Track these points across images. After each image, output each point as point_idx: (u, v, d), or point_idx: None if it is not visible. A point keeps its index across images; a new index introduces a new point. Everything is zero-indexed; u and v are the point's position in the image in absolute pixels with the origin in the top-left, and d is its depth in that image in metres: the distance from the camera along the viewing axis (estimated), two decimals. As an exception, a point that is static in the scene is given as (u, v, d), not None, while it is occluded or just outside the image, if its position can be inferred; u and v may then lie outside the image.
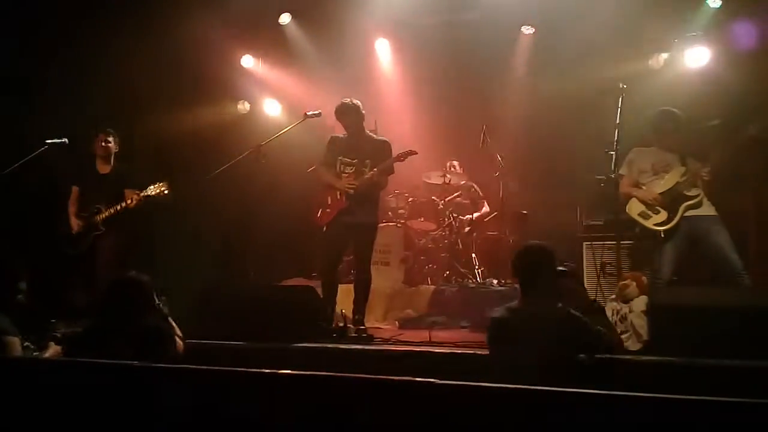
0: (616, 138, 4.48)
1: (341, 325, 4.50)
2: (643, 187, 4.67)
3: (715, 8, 5.93)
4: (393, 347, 4.27)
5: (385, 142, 5.05)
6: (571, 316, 3.08)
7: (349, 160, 4.95)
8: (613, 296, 3.99)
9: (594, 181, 5.32)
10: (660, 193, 4.57)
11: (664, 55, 6.29)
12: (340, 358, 3.96)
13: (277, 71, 7.38)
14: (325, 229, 4.95)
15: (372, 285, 5.94)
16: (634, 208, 4.66)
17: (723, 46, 5.77)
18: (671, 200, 4.53)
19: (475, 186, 6.68)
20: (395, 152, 4.92)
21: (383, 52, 7.27)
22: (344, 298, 4.93)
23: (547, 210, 5.80)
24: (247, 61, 7.40)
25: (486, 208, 6.69)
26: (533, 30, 6.72)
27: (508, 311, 3.16)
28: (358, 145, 4.96)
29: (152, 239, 6.18)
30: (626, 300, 3.90)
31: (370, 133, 5.12)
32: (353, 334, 4.48)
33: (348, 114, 4.91)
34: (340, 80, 6.76)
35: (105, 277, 5.27)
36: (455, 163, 6.70)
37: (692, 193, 4.49)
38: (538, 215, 6.12)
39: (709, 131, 5.06)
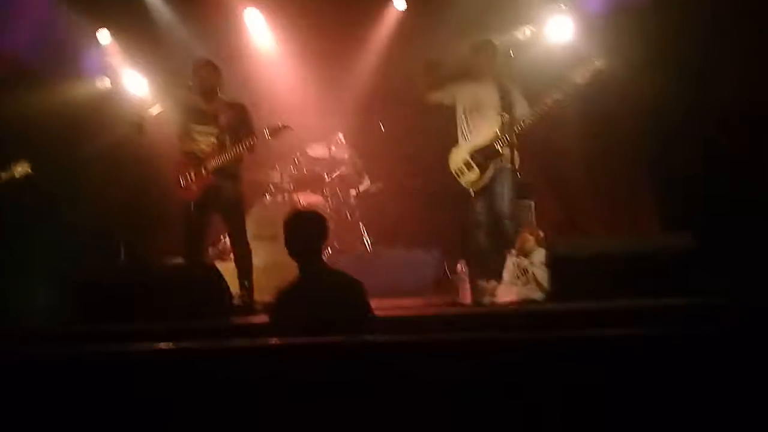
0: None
1: (247, 301, 4.37)
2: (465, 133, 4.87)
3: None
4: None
5: (243, 106, 4.83)
6: (357, 282, 3.03)
7: (205, 128, 4.70)
8: (514, 251, 4.22)
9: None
10: (473, 151, 4.79)
11: (529, 27, 6.62)
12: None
13: (140, 45, 6.89)
14: (190, 206, 4.68)
15: (261, 261, 5.84)
16: (456, 160, 4.87)
17: (582, 16, 6.17)
18: (484, 157, 4.77)
19: (358, 159, 6.72)
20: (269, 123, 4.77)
21: (254, 21, 7.00)
22: (232, 277, 4.70)
23: (433, 179, 5.95)
24: (104, 34, 6.84)
25: (367, 182, 6.75)
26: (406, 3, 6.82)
27: (291, 286, 3.03)
28: (213, 112, 4.72)
29: (16, 228, 5.61)
30: (526, 254, 4.14)
31: (223, 97, 4.84)
32: (260, 309, 4.38)
33: (206, 74, 4.69)
34: (210, 53, 6.47)
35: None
36: (340, 135, 6.68)
37: (504, 150, 4.69)
38: (424, 184, 6.28)
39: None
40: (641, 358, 2.33)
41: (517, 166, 4.77)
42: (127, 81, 6.86)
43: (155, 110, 5.00)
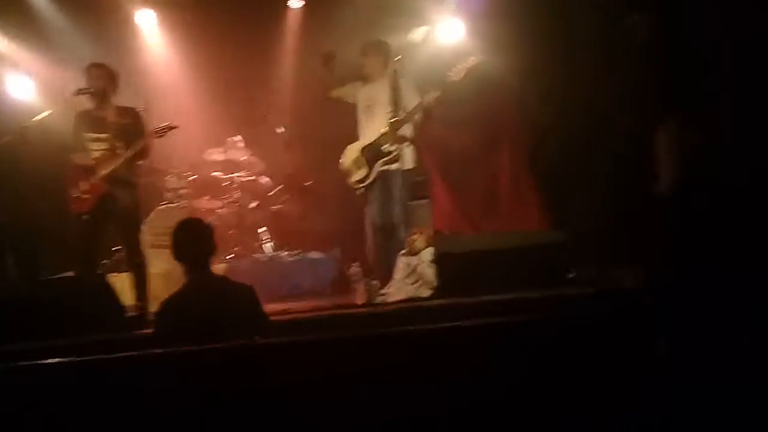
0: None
1: (141, 312, 4.31)
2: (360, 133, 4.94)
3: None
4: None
5: (135, 111, 4.72)
6: (246, 288, 3.05)
7: (97, 135, 4.58)
8: (404, 251, 4.35)
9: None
10: (362, 149, 4.88)
11: (423, 29, 6.78)
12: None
13: (24, 47, 6.59)
14: (84, 217, 4.55)
15: (160, 269, 5.76)
16: (346, 159, 4.97)
17: (471, 17, 6.36)
18: (372, 156, 4.84)
19: (258, 161, 6.70)
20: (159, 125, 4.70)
21: (147, 23, 6.82)
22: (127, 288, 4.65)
23: (333, 180, 6.02)
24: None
25: (268, 182, 6.76)
26: (303, 3, 6.84)
27: (176, 294, 3.03)
28: (105, 118, 4.60)
29: None
30: (415, 252, 4.28)
31: (115, 102, 4.70)
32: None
33: (100, 78, 4.57)
34: (103, 57, 6.28)
35: None
36: (237, 138, 6.63)
37: (391, 148, 4.74)
38: (324, 186, 6.35)
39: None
40: (518, 345, 2.51)
41: (410, 167, 4.91)
42: (10, 85, 6.56)
43: (40, 116, 4.82)
